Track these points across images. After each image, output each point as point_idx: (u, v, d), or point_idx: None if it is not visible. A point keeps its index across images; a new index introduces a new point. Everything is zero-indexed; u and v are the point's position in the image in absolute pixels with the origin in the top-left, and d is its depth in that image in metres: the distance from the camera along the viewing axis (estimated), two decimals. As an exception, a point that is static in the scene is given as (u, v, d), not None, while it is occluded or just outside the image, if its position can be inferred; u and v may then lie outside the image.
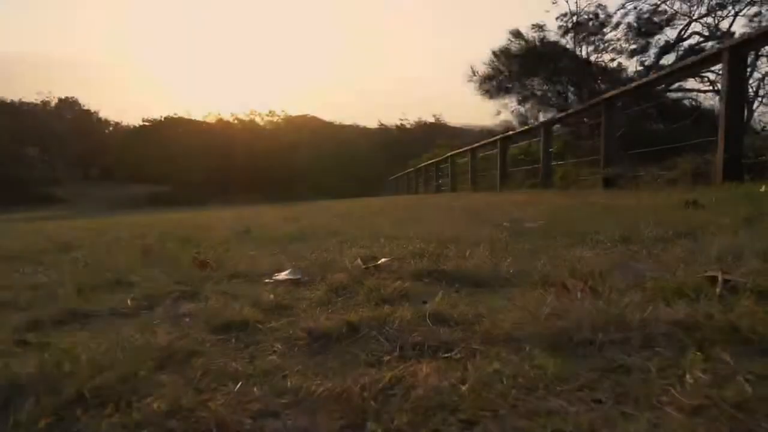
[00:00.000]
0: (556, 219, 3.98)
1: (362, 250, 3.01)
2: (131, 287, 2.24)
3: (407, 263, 2.36)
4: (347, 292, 1.86)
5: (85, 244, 4.93)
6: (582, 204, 5.68)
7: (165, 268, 2.84)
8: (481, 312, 1.44)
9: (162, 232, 6.18)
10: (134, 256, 3.47)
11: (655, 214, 3.70)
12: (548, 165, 12.92)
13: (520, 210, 6.06)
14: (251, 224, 6.92)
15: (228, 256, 3.15)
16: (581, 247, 2.58)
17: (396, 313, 1.43)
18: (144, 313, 1.73)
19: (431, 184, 23.55)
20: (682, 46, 23.83)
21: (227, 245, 3.95)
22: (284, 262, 2.77)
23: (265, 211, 11.61)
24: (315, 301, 1.76)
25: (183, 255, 3.43)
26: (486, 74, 21.94)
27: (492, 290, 1.80)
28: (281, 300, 1.77)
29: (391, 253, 2.76)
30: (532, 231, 3.42)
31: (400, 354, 1.15)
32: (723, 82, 6.57)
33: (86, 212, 32.96)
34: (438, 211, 7.11)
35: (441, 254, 2.56)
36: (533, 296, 1.50)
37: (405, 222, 5.30)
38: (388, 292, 1.74)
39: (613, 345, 1.12)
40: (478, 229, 3.91)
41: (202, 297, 1.93)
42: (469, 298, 1.68)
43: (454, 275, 2.02)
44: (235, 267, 2.62)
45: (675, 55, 23.48)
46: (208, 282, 2.24)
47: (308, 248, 3.34)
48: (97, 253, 3.87)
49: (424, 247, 2.80)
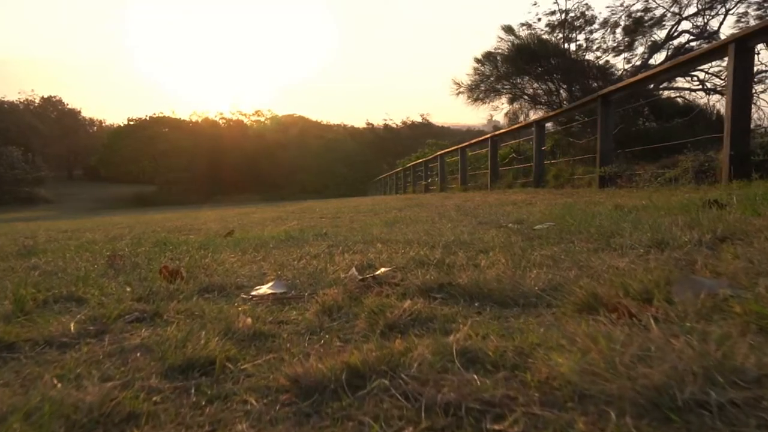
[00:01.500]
0: (565, 220, 3.64)
1: (356, 256, 2.66)
2: (83, 304, 1.87)
3: (411, 274, 2.01)
4: (343, 315, 1.50)
5: (52, 248, 4.54)
6: (586, 203, 5.36)
7: (130, 277, 2.47)
8: (522, 348, 1.09)
9: (138, 234, 5.79)
10: (99, 263, 3.09)
11: (676, 214, 3.38)
12: (541, 163, 12.64)
13: (520, 210, 5.73)
14: (235, 225, 6.54)
15: (204, 264, 2.79)
16: (608, 253, 2.25)
17: (412, 351, 1.07)
18: (86, 345, 1.37)
19: (420, 183, 23.24)
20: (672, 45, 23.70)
21: (206, 250, 3.58)
22: (267, 271, 2.41)
23: (251, 212, 11.21)
24: (303, 328, 1.40)
25: (154, 262, 3.06)
26: (472, 82, 21.62)
27: (524, 312, 1.45)
28: (260, 326, 1.41)
29: (390, 261, 2.41)
30: (544, 234, 3.08)
31: (429, 425, 0.79)
32: (728, 76, 6.28)
33: (69, 213, 32.38)
34: (432, 211, 6.76)
35: (449, 263, 2.21)
36: (589, 325, 1.15)
37: (399, 223, 4.94)
38: (395, 315, 1.39)
39: (736, 408, 0.77)
40: (481, 231, 3.56)
41: (164, 320, 1.57)
42: (499, 324, 1.34)
43: (471, 291, 1.67)
44: (210, 278, 2.26)
45: (665, 53, 23.34)
46: (174, 298, 1.88)
47: (295, 254, 2.98)
48: (60, 259, 3.49)
49: (428, 254, 2.45)
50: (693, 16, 23.12)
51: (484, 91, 21.55)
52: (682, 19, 23.08)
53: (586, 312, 1.32)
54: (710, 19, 23.01)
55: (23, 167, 54.37)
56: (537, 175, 12.44)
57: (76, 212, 33.18)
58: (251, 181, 54.37)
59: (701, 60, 7.39)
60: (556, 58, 19.84)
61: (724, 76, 22.22)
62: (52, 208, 45.97)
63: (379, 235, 3.74)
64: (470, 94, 22.08)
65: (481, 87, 21.53)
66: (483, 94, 21.62)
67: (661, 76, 10.42)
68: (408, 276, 1.98)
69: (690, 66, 10.57)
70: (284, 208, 12.66)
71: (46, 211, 39.26)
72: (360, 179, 50.63)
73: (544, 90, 20.34)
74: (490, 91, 21.56)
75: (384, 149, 61.33)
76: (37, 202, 53.03)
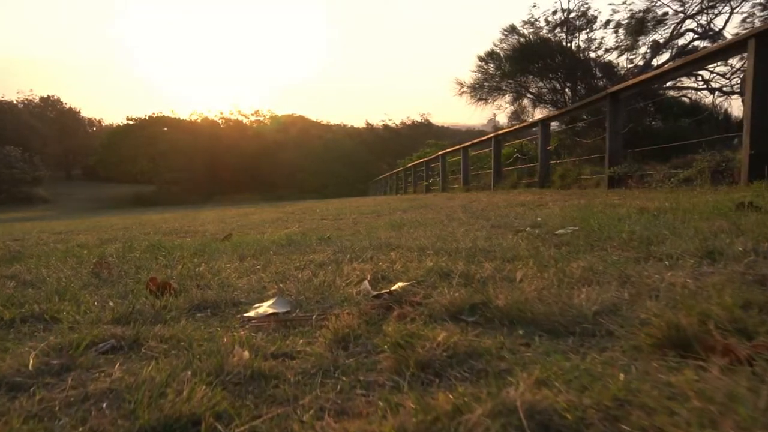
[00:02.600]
0: (588, 224, 3.37)
1: (366, 265, 2.39)
2: (53, 326, 1.61)
3: (436, 290, 1.74)
4: (361, 347, 1.23)
5: (39, 253, 4.27)
6: (603, 205, 5.08)
7: (114, 290, 2.21)
8: (608, 406, 0.83)
9: (132, 237, 5.52)
10: (84, 272, 2.82)
11: (711, 218, 3.11)
12: (546, 163, 12.38)
13: (532, 212, 5.46)
14: (233, 227, 6.27)
15: (198, 273, 2.52)
16: (654, 264, 1.98)
17: (464, 413, 0.80)
18: (43, 387, 1.10)
19: (420, 183, 22.97)
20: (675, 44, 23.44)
21: (201, 256, 3.31)
22: (268, 283, 2.14)
23: (250, 213, 10.94)
24: (313, 366, 1.13)
25: (143, 270, 2.79)
26: (475, 81, 21.27)
27: (583, 344, 1.19)
28: (260, 363, 1.13)
29: (406, 272, 2.14)
30: (570, 240, 2.82)
31: None
32: (748, 72, 6.01)
33: (67, 213, 32.13)
34: (438, 212, 6.49)
35: (475, 275, 1.94)
36: (692, 373, 0.88)
37: (406, 226, 4.68)
38: (427, 351, 1.11)
39: None
40: (498, 236, 3.29)
41: (143, 353, 1.30)
42: (558, 363, 1.06)
43: (510, 313, 1.40)
44: (203, 292, 1.99)
45: (669, 53, 23.10)
46: (160, 320, 1.61)
47: (298, 262, 2.71)
48: (43, 266, 3.22)
49: (448, 264, 2.18)
50: (697, 15, 22.86)
51: (488, 90, 21.26)
52: (686, 18, 22.82)
53: (669, 349, 1.05)
54: (714, 18, 22.76)
55: (21, 167, 54.03)
56: (542, 175, 12.18)
57: (74, 212, 32.90)
58: (250, 181, 54.07)
59: (718, 56, 7.12)
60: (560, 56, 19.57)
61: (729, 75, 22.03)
62: (50, 208, 45.66)
63: (388, 240, 3.47)
64: (473, 93, 21.79)
65: (484, 86, 21.23)
66: (486, 93, 21.32)
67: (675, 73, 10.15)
68: (431, 293, 1.71)
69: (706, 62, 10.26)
70: (284, 208, 12.38)
71: (44, 211, 38.96)
72: (359, 179, 50.34)
73: (549, 89, 20.07)
74: (494, 90, 21.27)
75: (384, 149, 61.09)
76: (36, 202, 52.71)
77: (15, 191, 52.38)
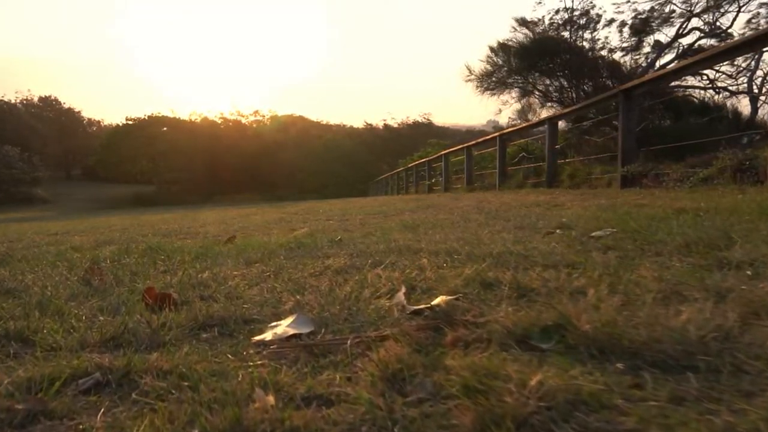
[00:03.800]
0: (626, 225, 3.08)
1: (392, 273, 2.10)
2: (25, 352, 1.32)
3: (485, 304, 1.46)
4: (422, 391, 0.94)
5: (29, 256, 3.98)
6: (630, 206, 4.79)
7: (105, 302, 1.92)
8: None
9: (130, 238, 5.22)
10: (74, 279, 2.53)
11: (764, 218, 2.83)
12: (554, 163, 12.09)
13: (551, 212, 5.17)
14: (236, 228, 5.97)
15: (201, 281, 2.23)
16: (734, 273, 1.69)
17: None
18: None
19: (422, 183, 22.66)
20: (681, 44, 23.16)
21: (204, 260, 3.02)
22: (282, 294, 1.85)
23: (252, 213, 10.64)
24: (361, 419, 0.84)
25: (140, 277, 2.50)
26: (484, 71, 20.93)
27: (715, 386, 0.90)
28: (290, 414, 0.85)
29: (442, 281, 1.86)
30: (613, 244, 2.53)
31: None
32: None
33: (66, 213, 31.83)
34: (450, 213, 6.19)
35: (529, 286, 1.66)
36: None
37: (421, 227, 4.39)
38: (515, 399, 0.83)
39: None
40: (528, 239, 3.00)
41: (133, 398, 1.01)
42: (698, 419, 0.78)
43: (599, 340, 1.11)
44: (209, 306, 1.71)
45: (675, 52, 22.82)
46: (157, 344, 1.32)
47: (312, 268, 2.42)
48: (31, 271, 2.93)
49: (492, 273, 1.89)
50: (703, 13, 22.57)
51: (495, 83, 20.93)
52: (692, 16, 22.54)
53: None
54: (720, 17, 22.47)
55: (21, 167, 53.69)
56: (550, 174, 11.89)
57: (73, 213, 32.57)
58: (250, 181, 53.76)
59: (744, 49, 6.83)
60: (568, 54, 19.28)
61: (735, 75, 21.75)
62: (49, 208, 45.31)
63: (407, 243, 3.18)
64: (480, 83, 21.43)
65: (492, 78, 20.91)
66: (493, 85, 20.99)
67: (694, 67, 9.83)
68: (482, 308, 1.42)
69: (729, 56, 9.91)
70: (285, 209, 12.08)
71: (43, 211, 38.60)
72: (360, 179, 50.01)
73: (556, 87, 19.76)
74: (501, 83, 20.94)
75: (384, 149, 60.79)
76: (35, 202, 52.36)
77: (14, 191, 52.04)
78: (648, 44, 23.28)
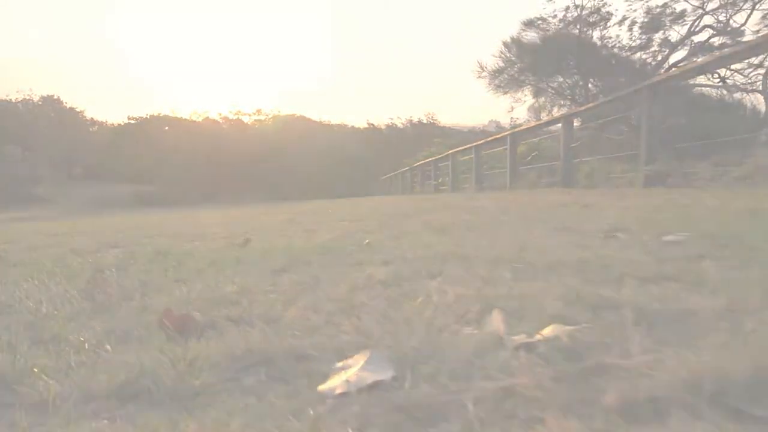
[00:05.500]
0: (697, 228, 2.72)
1: (455, 288, 1.73)
2: (2, 415, 0.96)
3: (612, 336, 1.10)
4: None
5: (26, 260, 3.63)
6: (674, 206, 4.43)
7: (113, 323, 1.56)
8: None
9: (134, 242, 4.86)
10: (74, 291, 2.17)
11: None
12: (570, 162, 11.72)
13: (587, 213, 4.81)
14: (246, 230, 5.61)
15: (226, 296, 1.87)
16: None
17: None
18: None
19: (428, 183, 22.28)
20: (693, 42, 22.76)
21: (221, 268, 2.67)
22: (334, 318, 1.49)
23: (259, 213, 10.28)
24: None
25: (151, 289, 2.14)
26: (496, 68, 20.53)
27: None
28: None
29: (527, 299, 1.50)
30: (704, 252, 2.16)
31: None
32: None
33: (67, 213, 31.51)
34: (472, 213, 5.81)
35: (650, 308, 1.30)
36: None
37: (450, 230, 4.03)
38: None
39: None
40: (587, 243, 2.64)
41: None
42: None
43: None
44: (244, 333, 1.35)
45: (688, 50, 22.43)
46: (187, 396, 0.96)
47: (354, 279, 2.06)
48: (25, 280, 2.57)
49: (593, 291, 1.53)
50: (716, 11, 22.18)
51: (507, 81, 20.53)
52: (704, 14, 22.14)
53: None
54: (734, 14, 22.07)
55: (22, 166, 53.40)
56: (566, 174, 11.52)
57: (74, 212, 32.22)
58: (252, 180, 53.38)
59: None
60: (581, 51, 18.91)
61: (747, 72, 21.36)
62: (51, 207, 44.94)
63: (446, 249, 2.82)
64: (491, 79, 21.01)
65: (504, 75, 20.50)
66: (505, 82, 20.58)
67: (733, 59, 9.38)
68: (611, 344, 1.06)
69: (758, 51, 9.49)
70: (292, 209, 11.73)
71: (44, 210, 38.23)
72: (362, 179, 49.58)
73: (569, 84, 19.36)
74: (513, 81, 20.53)
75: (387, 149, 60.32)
76: (36, 201, 52.06)
77: (16, 191, 51.72)
78: (657, 42, 22.91)
